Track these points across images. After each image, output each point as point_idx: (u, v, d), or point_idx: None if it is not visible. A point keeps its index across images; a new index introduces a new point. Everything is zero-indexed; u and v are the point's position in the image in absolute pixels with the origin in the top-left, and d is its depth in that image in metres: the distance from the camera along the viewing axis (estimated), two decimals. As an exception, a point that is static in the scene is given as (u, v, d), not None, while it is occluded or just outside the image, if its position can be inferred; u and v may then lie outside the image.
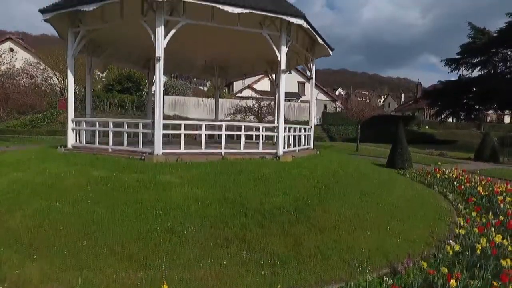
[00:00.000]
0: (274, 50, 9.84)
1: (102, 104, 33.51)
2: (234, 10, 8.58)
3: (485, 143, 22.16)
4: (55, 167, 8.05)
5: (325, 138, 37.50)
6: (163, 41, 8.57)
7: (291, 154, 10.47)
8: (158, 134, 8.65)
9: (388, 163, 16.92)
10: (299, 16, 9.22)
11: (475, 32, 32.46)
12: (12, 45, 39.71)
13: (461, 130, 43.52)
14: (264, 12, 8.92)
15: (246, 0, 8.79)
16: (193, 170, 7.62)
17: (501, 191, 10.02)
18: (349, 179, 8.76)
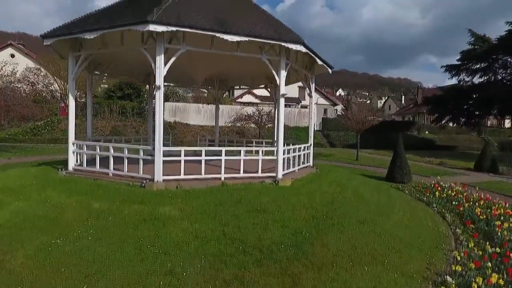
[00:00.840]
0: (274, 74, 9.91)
1: (102, 111, 33.57)
2: (233, 39, 8.66)
3: (484, 154, 22.18)
4: (56, 196, 8.12)
5: (325, 145, 37.56)
6: (163, 69, 8.64)
7: (290, 177, 10.55)
8: (158, 161, 8.72)
9: (388, 176, 17.00)
10: (298, 43, 9.29)
11: (475, 38, 32.51)
12: (13, 51, 39.83)
13: (462, 135, 43.59)
14: (263, 39, 8.99)
15: (245, 29, 8.87)
16: (193, 202, 7.69)
17: (499, 214, 10.09)
18: (347, 206, 8.81)
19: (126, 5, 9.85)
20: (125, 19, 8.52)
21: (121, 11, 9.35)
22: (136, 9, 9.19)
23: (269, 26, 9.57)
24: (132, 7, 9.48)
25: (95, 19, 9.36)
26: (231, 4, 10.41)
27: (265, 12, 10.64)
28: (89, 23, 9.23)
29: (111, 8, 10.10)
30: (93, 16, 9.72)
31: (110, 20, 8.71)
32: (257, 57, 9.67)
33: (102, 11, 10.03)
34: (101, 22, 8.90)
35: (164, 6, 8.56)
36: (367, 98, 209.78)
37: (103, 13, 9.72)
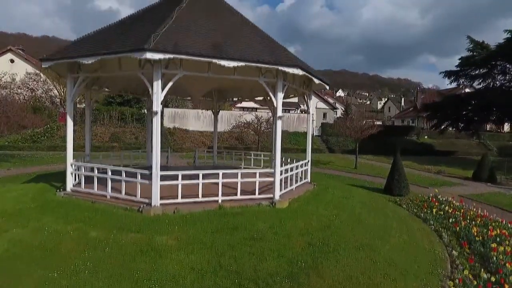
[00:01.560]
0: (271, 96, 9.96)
1: (102, 117, 33.62)
2: (230, 64, 8.70)
3: (483, 164, 22.20)
4: (54, 222, 8.17)
5: (324, 150, 37.59)
6: (161, 94, 8.69)
7: (288, 196, 10.59)
8: (155, 186, 8.76)
9: (386, 188, 17.06)
10: (295, 66, 9.33)
11: (474, 45, 32.55)
12: (12, 56, 39.87)
13: (460, 140, 43.63)
14: (259, 64, 9.04)
15: (242, 53, 8.92)
16: (189, 229, 7.73)
17: (495, 235, 10.15)
18: (344, 230, 8.86)
19: (124, 27, 9.89)
20: (122, 44, 8.56)
21: (119, 34, 9.39)
22: (134, 32, 9.24)
23: (266, 49, 9.61)
24: (130, 29, 9.53)
25: (93, 43, 9.40)
26: (229, 25, 10.46)
27: (263, 33, 10.68)
28: (87, 47, 9.29)
29: (109, 30, 10.15)
30: (91, 39, 9.77)
31: (107, 46, 8.75)
32: (255, 79, 9.72)
33: (100, 32, 10.08)
34: (98, 46, 8.95)
35: (162, 32, 8.60)
36: (367, 99, 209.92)
37: (100, 36, 9.76)
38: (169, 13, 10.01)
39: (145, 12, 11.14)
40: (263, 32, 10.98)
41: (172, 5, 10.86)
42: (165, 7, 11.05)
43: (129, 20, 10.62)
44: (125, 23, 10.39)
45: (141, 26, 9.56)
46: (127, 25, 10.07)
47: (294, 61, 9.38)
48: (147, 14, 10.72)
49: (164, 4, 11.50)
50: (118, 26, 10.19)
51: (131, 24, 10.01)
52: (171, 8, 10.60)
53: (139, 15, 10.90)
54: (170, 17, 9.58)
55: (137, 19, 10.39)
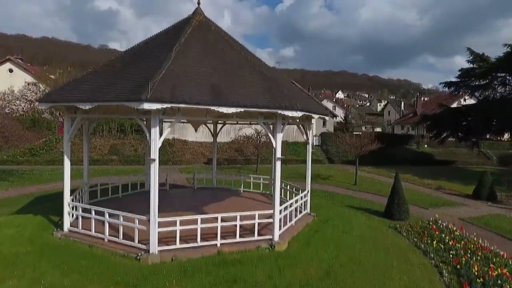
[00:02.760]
0: (270, 136, 9.88)
1: (101, 129, 33.52)
2: (229, 110, 8.62)
3: (483, 182, 22.10)
4: (50, 272, 8.07)
5: (324, 161, 37.52)
6: (158, 141, 8.61)
7: (287, 235, 10.52)
8: (153, 233, 8.67)
9: (386, 212, 16.98)
10: (295, 109, 9.23)
11: (474, 57, 32.47)
12: (11, 65, 39.76)
13: (460, 149, 43.54)
14: (258, 109, 8.95)
15: (240, 99, 8.83)
16: (187, 285, 7.63)
17: (496, 275, 10.08)
18: (344, 275, 8.77)
19: (122, 67, 9.80)
20: (119, 92, 8.47)
21: (117, 78, 9.29)
22: (132, 75, 9.14)
23: (266, 90, 9.51)
24: (128, 72, 9.43)
25: (90, 85, 9.32)
26: (228, 62, 10.37)
27: (262, 69, 10.55)
28: (84, 90, 9.20)
29: (108, 69, 10.05)
30: (89, 80, 9.67)
31: (105, 91, 8.66)
32: (254, 121, 9.62)
33: (98, 73, 9.97)
34: (96, 91, 8.87)
35: (159, 77, 8.51)
36: (366, 100, 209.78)
37: (98, 78, 9.66)
38: (168, 50, 9.94)
39: (144, 47, 11.04)
40: (262, 68, 10.88)
41: (171, 40, 10.79)
42: (165, 41, 10.97)
43: (128, 57, 10.53)
44: (124, 61, 10.29)
45: (139, 67, 9.46)
46: (125, 64, 9.97)
47: (295, 105, 9.26)
48: (146, 51, 10.62)
49: (163, 37, 11.42)
50: (117, 65, 10.08)
51: (130, 63, 9.91)
52: (170, 43, 10.54)
53: (138, 51, 10.80)
54: (169, 58, 9.50)
55: (136, 57, 10.29)
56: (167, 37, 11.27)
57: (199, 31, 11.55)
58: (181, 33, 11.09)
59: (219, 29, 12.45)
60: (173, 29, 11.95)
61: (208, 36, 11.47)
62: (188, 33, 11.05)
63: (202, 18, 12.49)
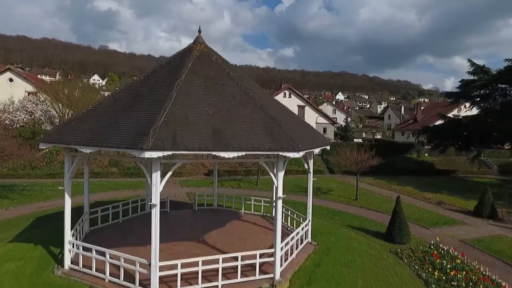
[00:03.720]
0: (271, 175, 9.85)
1: (101, 140, 33.42)
2: (230, 155, 8.61)
3: (484, 200, 22.03)
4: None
5: (324, 171, 37.49)
6: (160, 185, 8.57)
7: (288, 272, 10.49)
8: (154, 278, 8.65)
9: (387, 235, 16.92)
10: (296, 150, 9.20)
11: (475, 68, 32.43)
12: (11, 75, 39.72)
13: (461, 158, 43.41)
14: (259, 152, 8.93)
15: (241, 141, 8.80)
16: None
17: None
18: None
19: (123, 107, 9.76)
20: (120, 139, 8.43)
21: (117, 120, 9.26)
22: (132, 119, 9.12)
23: (267, 131, 9.47)
24: (128, 115, 9.39)
25: (91, 127, 9.30)
26: (229, 100, 10.35)
27: (263, 105, 10.51)
28: (84, 132, 9.17)
29: (107, 109, 10.02)
30: (89, 121, 9.65)
31: (104, 137, 8.63)
32: (255, 161, 9.59)
33: (98, 113, 9.95)
34: (96, 136, 8.84)
35: (160, 122, 8.50)
36: (366, 102, 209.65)
37: (98, 119, 9.63)
38: (169, 88, 9.93)
39: (146, 82, 11.02)
40: (264, 101, 10.85)
41: (173, 75, 10.78)
42: (166, 77, 10.96)
43: (129, 94, 10.51)
44: (125, 98, 10.27)
45: (141, 107, 9.45)
46: (127, 103, 9.94)
47: (296, 146, 9.22)
48: (147, 87, 10.60)
49: (165, 71, 11.40)
50: (118, 104, 10.05)
51: (131, 102, 9.88)
52: (171, 79, 10.54)
53: (140, 87, 10.77)
54: (170, 97, 9.49)
55: (138, 94, 10.27)
56: (169, 71, 11.27)
57: (200, 63, 11.54)
58: (182, 67, 11.10)
59: (220, 59, 12.42)
60: (174, 61, 11.94)
61: (209, 70, 11.46)
62: (189, 67, 11.04)
63: (203, 48, 12.49)
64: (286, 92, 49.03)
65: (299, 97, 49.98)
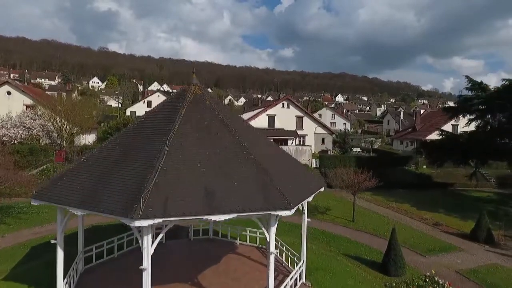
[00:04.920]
0: (264, 230, 9.85)
1: (99, 156, 33.42)
2: (221, 218, 8.62)
3: (480, 224, 22.03)
4: None
5: (322, 185, 37.43)
6: (150, 249, 8.57)
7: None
8: None
9: (382, 266, 16.92)
10: (289, 208, 9.20)
11: (473, 84, 32.47)
12: (9, 88, 39.67)
13: (459, 169, 43.43)
14: (251, 212, 8.93)
15: (233, 203, 8.80)
16: None
17: None
18: None
19: (114, 165, 9.76)
20: (111, 204, 8.43)
21: (109, 178, 9.27)
22: (124, 177, 9.12)
23: (260, 188, 9.47)
24: (120, 171, 9.39)
25: (82, 186, 9.29)
26: (222, 152, 10.35)
27: (256, 157, 10.50)
28: (76, 191, 9.17)
29: (99, 164, 10.01)
30: (81, 178, 9.64)
31: (96, 202, 8.63)
32: (247, 218, 9.60)
33: (90, 168, 9.94)
34: (87, 198, 8.84)
35: (151, 185, 8.49)
36: (366, 104, 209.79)
37: (90, 177, 9.62)
38: (161, 141, 9.94)
39: (138, 132, 11.02)
40: (256, 153, 10.84)
41: (166, 124, 10.79)
42: (159, 126, 10.97)
43: (121, 147, 10.50)
44: (116, 153, 10.26)
45: (132, 165, 9.44)
46: (119, 158, 9.94)
47: (288, 204, 9.21)
48: (139, 139, 10.59)
49: (159, 118, 11.40)
50: (110, 159, 10.04)
51: (123, 157, 9.88)
52: (164, 128, 10.54)
53: (132, 138, 10.76)
54: (162, 153, 9.50)
55: (129, 148, 10.26)
56: (163, 118, 11.27)
57: (194, 109, 11.55)
58: (176, 113, 11.11)
59: (213, 103, 12.40)
60: (168, 106, 11.94)
61: (203, 116, 11.46)
62: (182, 115, 11.05)
63: (197, 90, 12.48)
64: (284, 103, 49.06)
65: (298, 107, 50.02)
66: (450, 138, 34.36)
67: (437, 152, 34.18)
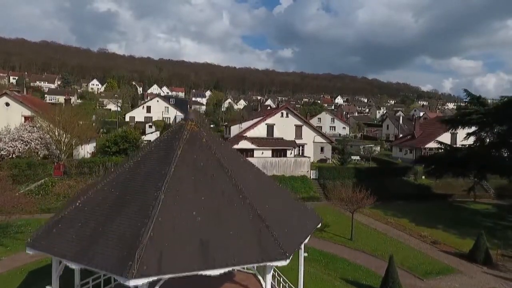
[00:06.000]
0: (259, 278, 9.82)
1: (97, 169, 33.45)
2: (216, 272, 8.59)
3: (478, 246, 22.00)
4: None
5: (321, 197, 37.41)
6: (146, 301, 8.53)
7: None
8: None
9: (380, 295, 16.91)
10: (284, 258, 9.17)
11: (471, 98, 32.51)
12: (8, 99, 39.56)
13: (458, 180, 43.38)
14: (247, 264, 8.90)
15: (228, 258, 8.77)
16: None
17: None
18: None
19: (109, 212, 9.72)
20: (105, 260, 8.39)
21: (104, 227, 9.23)
22: (119, 229, 9.08)
23: (256, 238, 9.44)
24: (114, 221, 9.35)
25: (77, 235, 9.25)
26: (219, 196, 10.32)
27: (253, 202, 10.46)
28: (71, 241, 9.13)
29: (95, 210, 9.97)
30: (75, 225, 9.60)
31: (90, 256, 8.59)
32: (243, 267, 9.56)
33: (86, 214, 9.90)
34: (82, 251, 8.79)
35: (146, 239, 8.46)
36: (366, 106, 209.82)
37: (85, 225, 9.58)
38: (157, 187, 9.91)
39: (133, 174, 10.96)
40: (252, 196, 10.81)
41: (161, 166, 10.75)
42: (154, 167, 10.91)
43: (116, 190, 10.46)
44: (110, 199, 10.22)
45: (127, 214, 9.40)
46: (113, 205, 9.90)
47: (283, 254, 9.19)
48: (134, 184, 10.54)
49: (154, 159, 11.34)
50: (103, 207, 9.99)
51: (117, 207, 9.83)
52: (160, 171, 10.50)
53: (126, 183, 10.70)
54: (158, 201, 9.46)
55: (124, 193, 10.21)
56: (158, 159, 11.21)
57: (190, 149, 11.50)
58: (172, 153, 11.07)
59: (210, 140, 12.35)
60: (164, 145, 11.88)
61: (199, 156, 11.41)
62: (178, 157, 10.99)
63: (193, 127, 12.43)
64: (283, 112, 49.03)
65: (297, 116, 49.96)
66: (449, 151, 34.36)
67: (436, 165, 34.16)
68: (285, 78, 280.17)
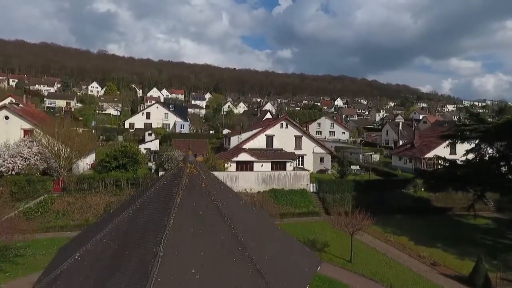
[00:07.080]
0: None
1: (96, 185, 33.43)
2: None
3: (477, 270, 22.02)
4: None
5: (320, 212, 37.33)
6: None
7: None
8: None
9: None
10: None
11: (470, 115, 32.58)
12: (7, 113, 39.48)
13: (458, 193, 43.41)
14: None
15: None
16: None
17: None
18: None
19: (107, 270, 9.71)
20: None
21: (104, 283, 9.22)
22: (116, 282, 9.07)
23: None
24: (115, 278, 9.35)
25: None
26: (218, 249, 10.32)
27: (252, 254, 10.47)
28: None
29: (92, 268, 9.97)
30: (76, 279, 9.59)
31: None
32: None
33: (85, 269, 9.90)
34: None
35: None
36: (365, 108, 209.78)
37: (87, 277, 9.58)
38: (155, 241, 9.90)
39: (131, 224, 10.96)
40: (252, 248, 10.81)
41: (160, 215, 10.75)
42: (152, 216, 10.92)
43: (114, 243, 10.45)
44: (108, 254, 10.22)
45: (123, 276, 9.39)
46: (111, 262, 9.89)
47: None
48: (133, 235, 10.54)
49: (152, 208, 11.34)
50: (101, 263, 9.99)
51: (116, 263, 9.83)
52: (158, 221, 10.49)
53: (124, 235, 10.70)
54: (157, 258, 9.45)
55: (123, 248, 10.21)
56: (157, 208, 11.21)
57: (189, 197, 11.50)
58: (171, 201, 11.07)
59: (209, 184, 12.34)
60: (163, 191, 11.87)
61: (198, 204, 11.42)
62: (178, 205, 11.00)
63: (193, 170, 12.43)
64: (283, 123, 49.04)
65: (296, 127, 49.97)
66: (448, 167, 34.38)
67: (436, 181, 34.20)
68: (284, 80, 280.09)
